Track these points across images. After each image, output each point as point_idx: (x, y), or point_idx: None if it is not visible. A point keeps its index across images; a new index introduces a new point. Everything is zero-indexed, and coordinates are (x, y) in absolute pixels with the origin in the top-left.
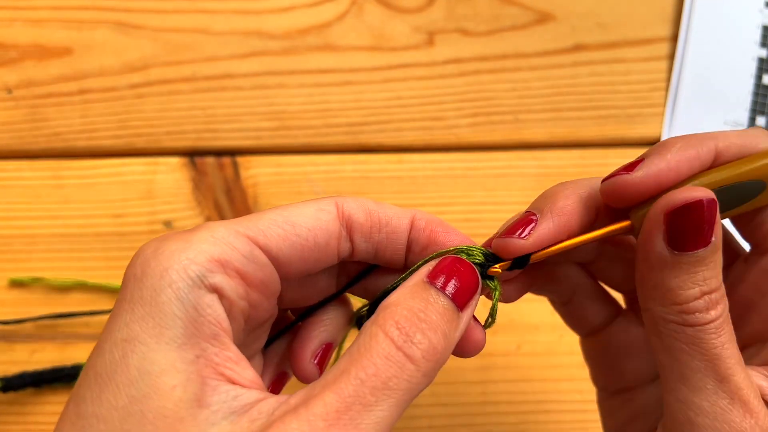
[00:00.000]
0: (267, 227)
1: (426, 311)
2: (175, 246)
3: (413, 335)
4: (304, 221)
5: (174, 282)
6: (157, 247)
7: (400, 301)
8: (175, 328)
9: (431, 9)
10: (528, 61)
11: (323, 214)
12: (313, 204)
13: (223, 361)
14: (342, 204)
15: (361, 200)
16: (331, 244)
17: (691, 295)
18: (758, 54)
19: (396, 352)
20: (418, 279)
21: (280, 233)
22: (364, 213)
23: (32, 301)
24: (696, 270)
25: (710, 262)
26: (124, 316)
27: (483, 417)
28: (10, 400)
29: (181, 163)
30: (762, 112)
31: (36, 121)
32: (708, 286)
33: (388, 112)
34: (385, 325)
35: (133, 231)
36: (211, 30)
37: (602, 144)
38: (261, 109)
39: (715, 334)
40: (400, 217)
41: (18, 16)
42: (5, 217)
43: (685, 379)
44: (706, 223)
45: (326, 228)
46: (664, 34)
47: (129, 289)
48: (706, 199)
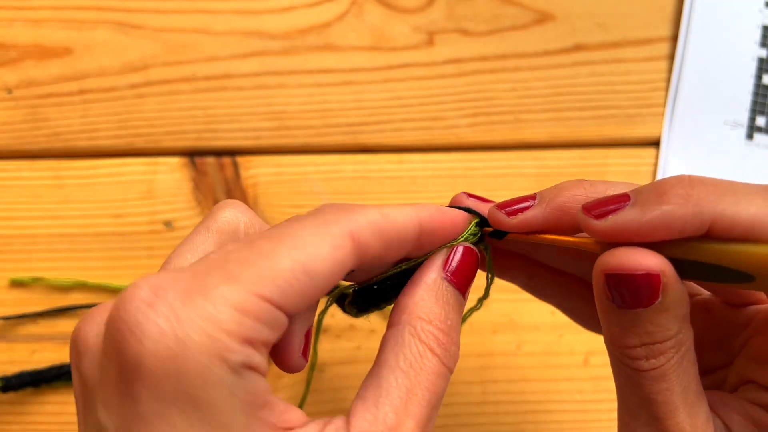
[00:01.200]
0: (286, 283)
1: (451, 317)
2: (201, 331)
3: (449, 348)
4: (323, 268)
5: (222, 379)
6: (177, 336)
7: (428, 308)
8: (238, 420)
9: (431, 9)
10: (528, 61)
11: (340, 254)
12: (326, 236)
13: (278, 417)
14: (357, 234)
15: (371, 218)
16: (338, 279)
17: (631, 342)
18: (758, 54)
19: (443, 369)
20: (436, 276)
21: (298, 290)
22: (377, 239)
23: (32, 301)
24: (636, 324)
25: (654, 320)
26: (180, 422)
27: (483, 417)
28: (10, 400)
29: (181, 163)
30: (762, 112)
31: (36, 121)
32: (651, 338)
33: (388, 112)
34: (429, 342)
35: (133, 231)
36: (211, 30)
37: (602, 144)
38: (261, 109)
39: (653, 381)
40: (408, 228)
41: (18, 16)
42: (5, 217)
43: (626, 405)
44: (644, 290)
45: (340, 271)
46: (664, 34)
47: (167, 390)
48: (642, 272)
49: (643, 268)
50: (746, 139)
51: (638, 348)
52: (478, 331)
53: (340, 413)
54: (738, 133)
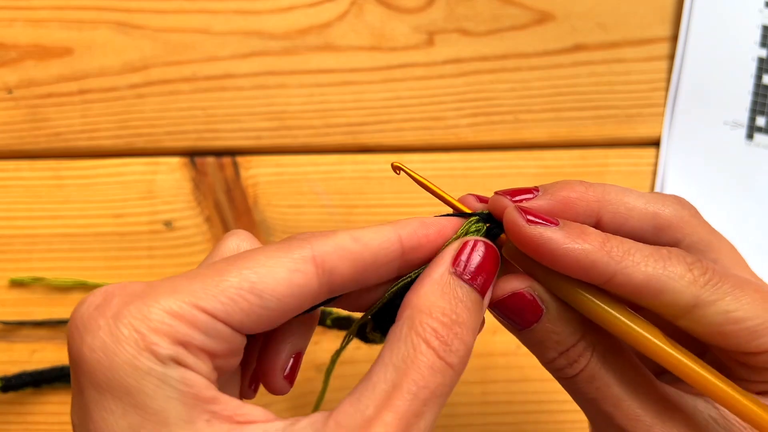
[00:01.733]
0: (229, 300)
1: (458, 312)
2: (133, 327)
3: (452, 343)
4: (274, 290)
5: (152, 369)
6: (113, 330)
7: (430, 302)
8: (175, 409)
9: (431, 9)
10: (528, 61)
11: (297, 277)
12: (286, 260)
13: (234, 411)
14: (321, 258)
15: (340, 243)
16: (304, 304)
17: (550, 357)
18: (758, 54)
19: (439, 362)
20: (444, 270)
21: (243, 307)
22: (347, 262)
23: (32, 301)
24: (541, 338)
25: (550, 329)
26: (114, 405)
27: (483, 417)
28: (9, 400)
29: (181, 163)
30: (762, 112)
31: (36, 121)
32: (562, 346)
33: (388, 112)
34: (425, 335)
35: (133, 231)
36: (211, 30)
37: (602, 144)
38: (261, 109)
39: (587, 383)
40: (386, 249)
41: (18, 16)
42: (6, 217)
43: (590, 420)
44: (525, 311)
45: (300, 294)
46: (664, 34)
47: (101, 380)
48: (516, 292)
49: (510, 290)
50: (746, 139)
51: (559, 358)
52: None
53: None
54: (738, 133)
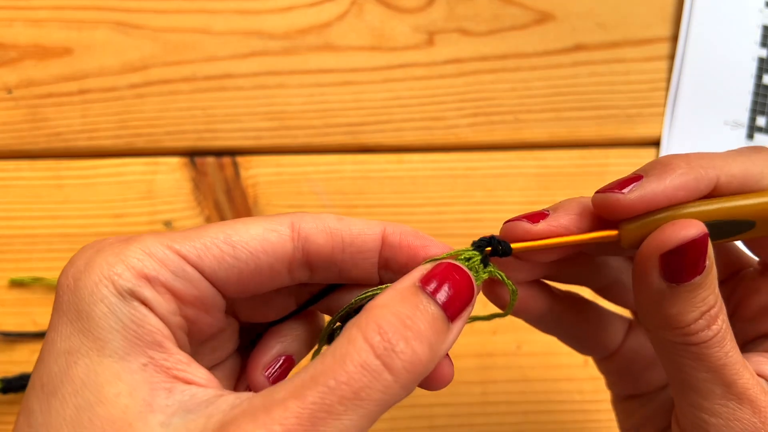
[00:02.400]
0: (203, 245)
1: (414, 318)
2: (105, 259)
3: (396, 343)
4: (247, 243)
5: (105, 297)
6: (89, 259)
7: (387, 303)
8: (114, 341)
9: (431, 9)
10: (528, 61)
11: (273, 236)
12: (264, 222)
13: (174, 364)
14: (298, 224)
15: (322, 218)
16: (277, 268)
17: (692, 318)
18: (758, 54)
19: (374, 361)
20: (410, 282)
21: (215, 254)
22: (324, 234)
23: (32, 301)
24: (694, 295)
25: (706, 283)
26: (64, 328)
27: (483, 417)
28: (10, 401)
29: (181, 163)
30: (762, 112)
31: (36, 121)
32: (706, 305)
33: (388, 112)
34: (366, 329)
35: (133, 231)
36: (211, 30)
37: (602, 144)
38: (261, 109)
39: (718, 347)
40: (366, 234)
41: (18, 16)
42: (5, 218)
43: (694, 388)
44: (701, 255)
45: (273, 252)
46: (665, 34)
47: (64, 301)
48: (699, 235)
49: (700, 232)
50: (747, 139)
51: (699, 320)
52: (478, 332)
53: None
54: (738, 133)
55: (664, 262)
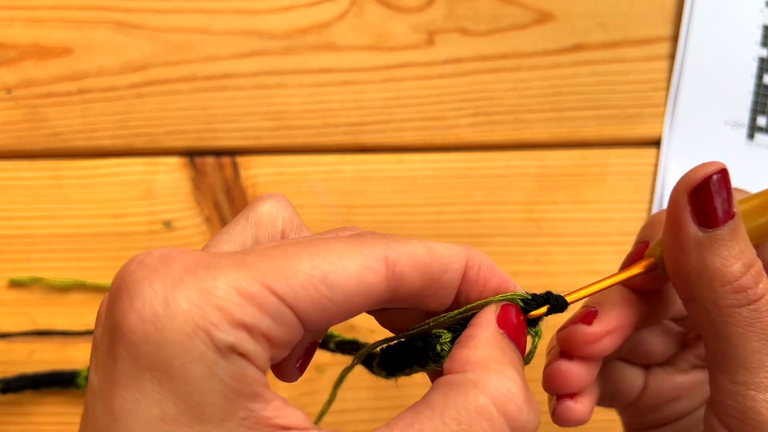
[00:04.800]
0: (300, 286)
1: (521, 376)
2: (194, 302)
3: (528, 418)
4: (345, 284)
5: (204, 354)
6: (169, 299)
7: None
8: (216, 404)
9: (431, 8)
10: (528, 61)
11: (369, 275)
12: (359, 256)
13: (273, 413)
14: (394, 262)
15: (414, 253)
16: (366, 307)
17: (737, 270)
18: (759, 54)
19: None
20: (495, 331)
21: (312, 296)
22: (418, 273)
23: (32, 301)
24: (733, 243)
25: (740, 233)
26: (151, 388)
27: None
28: (9, 401)
29: (180, 163)
30: (763, 111)
31: (35, 121)
32: (747, 258)
33: (388, 112)
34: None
35: (132, 231)
36: (210, 30)
37: (603, 144)
38: (261, 109)
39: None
40: (454, 270)
41: (17, 16)
42: (5, 217)
43: (743, 362)
44: (728, 194)
45: (367, 293)
46: (665, 33)
47: (145, 354)
48: (723, 167)
49: (720, 166)
50: (747, 139)
51: (746, 275)
52: None
53: (340, 414)
54: (739, 132)
55: (695, 204)
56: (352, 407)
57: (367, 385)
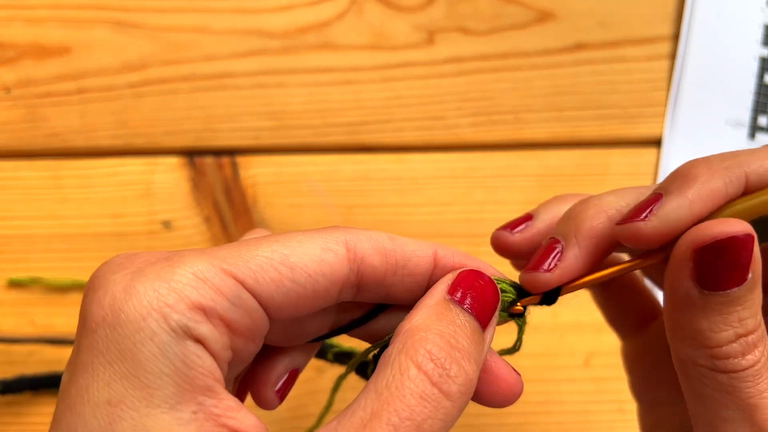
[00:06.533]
0: (260, 268)
1: (456, 336)
2: (151, 285)
3: (449, 368)
4: (305, 264)
5: (156, 334)
6: (128, 286)
7: (427, 324)
8: (165, 388)
9: (431, 8)
10: (529, 61)
11: (329, 256)
12: (319, 239)
13: (224, 412)
14: (354, 244)
15: (375, 238)
16: (332, 290)
17: (725, 338)
18: (760, 53)
19: (431, 390)
20: (440, 297)
21: (274, 277)
22: (379, 255)
23: (31, 301)
24: (730, 310)
25: (746, 300)
26: (102, 371)
27: (483, 417)
28: (8, 402)
29: (179, 163)
30: (764, 111)
31: (34, 120)
32: (744, 327)
33: (388, 112)
34: (416, 356)
35: (131, 231)
36: (210, 29)
37: (603, 143)
38: (260, 109)
39: (751, 382)
40: (419, 257)
41: (16, 15)
42: (3, 217)
43: (717, 427)
44: (743, 260)
45: (330, 274)
46: (666, 33)
47: (100, 336)
48: (741, 233)
49: (743, 230)
50: (748, 139)
51: (733, 344)
52: None
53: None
54: (740, 132)
55: (698, 261)
56: None
57: None
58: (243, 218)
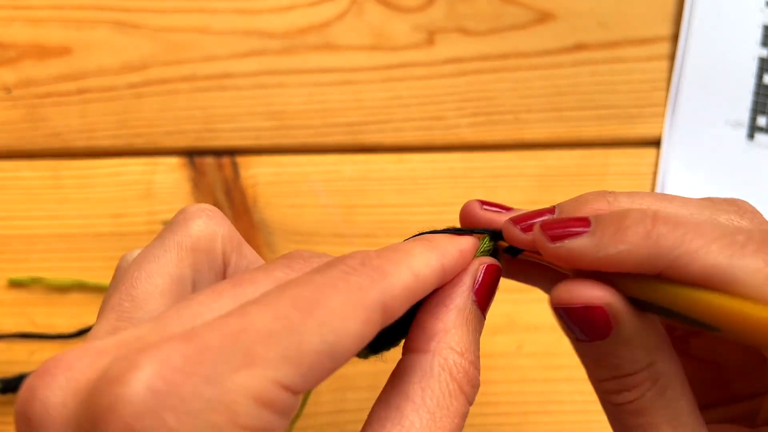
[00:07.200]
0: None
1: (477, 345)
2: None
3: (477, 384)
4: (348, 347)
5: None
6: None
7: (459, 338)
8: None
9: (431, 8)
10: (528, 61)
11: (369, 329)
12: (360, 311)
13: None
14: (389, 306)
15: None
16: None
17: (601, 375)
18: (759, 53)
19: (467, 408)
20: (467, 300)
21: (319, 373)
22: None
23: (31, 301)
24: (599, 357)
25: (616, 352)
26: None
27: (483, 417)
28: (9, 401)
29: (180, 163)
30: (763, 111)
31: (35, 120)
32: (619, 371)
33: (388, 112)
34: (459, 379)
35: (132, 231)
36: (210, 29)
37: (603, 144)
38: (260, 109)
39: (632, 415)
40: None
41: (17, 16)
42: (4, 217)
43: None
44: (592, 323)
45: (362, 346)
46: (665, 33)
47: None
48: (592, 303)
49: (583, 300)
50: (747, 139)
51: (610, 381)
52: None
53: (340, 414)
54: (739, 132)
55: (561, 318)
56: (351, 407)
57: (367, 385)
58: (243, 218)
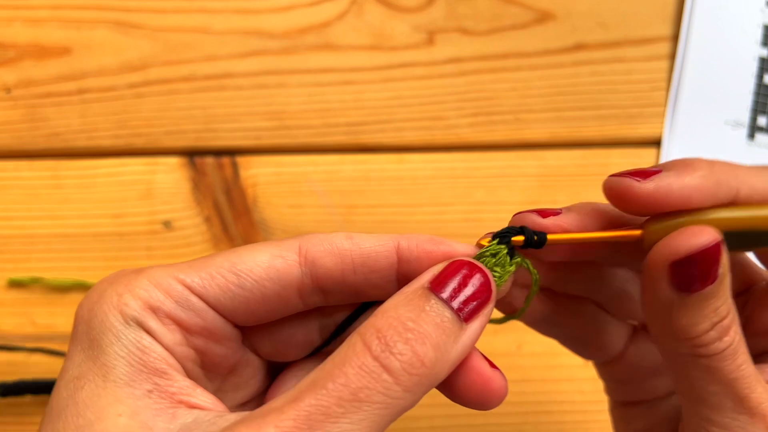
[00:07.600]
0: (208, 275)
1: (417, 320)
2: (116, 290)
3: (394, 344)
4: (251, 270)
5: (113, 325)
6: (102, 291)
7: (390, 307)
8: (119, 367)
9: (431, 8)
10: (529, 61)
11: (278, 262)
12: (272, 248)
13: (179, 390)
14: (305, 248)
15: (330, 239)
16: (286, 295)
17: (703, 329)
18: (759, 53)
19: (371, 362)
20: (419, 285)
21: (220, 283)
22: (332, 256)
23: (31, 301)
24: (705, 305)
25: (718, 292)
26: (76, 356)
27: (483, 417)
28: (8, 403)
29: (180, 163)
30: (763, 111)
31: (35, 120)
32: (718, 315)
33: (388, 112)
34: (365, 334)
35: (132, 231)
36: (210, 29)
37: (603, 144)
38: (260, 109)
39: (730, 359)
40: (378, 252)
41: (17, 16)
42: (4, 217)
43: (704, 400)
44: (712, 266)
45: (278, 279)
46: (665, 33)
47: (79, 331)
48: (711, 244)
49: (710, 241)
50: (747, 139)
51: (711, 332)
52: None
53: None
54: (739, 132)
55: (674, 272)
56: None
57: None
58: (243, 218)
